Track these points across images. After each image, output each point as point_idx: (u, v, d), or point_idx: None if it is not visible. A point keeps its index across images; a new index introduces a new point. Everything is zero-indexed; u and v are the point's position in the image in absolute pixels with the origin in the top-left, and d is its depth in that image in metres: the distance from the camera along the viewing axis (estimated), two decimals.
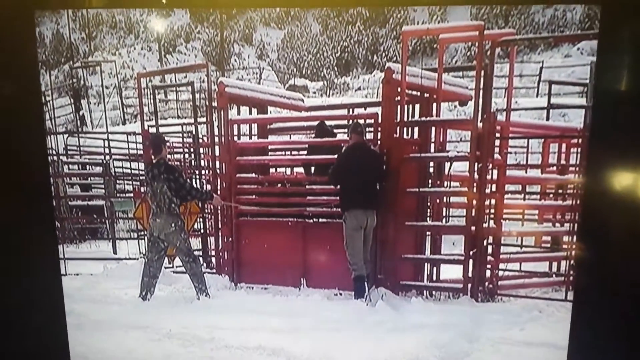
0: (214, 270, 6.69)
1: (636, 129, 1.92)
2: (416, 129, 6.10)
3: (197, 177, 7.65)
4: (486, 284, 5.65)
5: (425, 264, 6.07)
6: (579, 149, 6.30)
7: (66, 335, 2.60)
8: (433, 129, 6.05)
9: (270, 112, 7.57)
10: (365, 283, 5.51)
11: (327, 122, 6.55)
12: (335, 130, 6.59)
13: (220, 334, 4.39)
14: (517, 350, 4.12)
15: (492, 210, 5.74)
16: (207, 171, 7.40)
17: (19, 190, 2.33)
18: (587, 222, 2.09)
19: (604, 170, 1.94)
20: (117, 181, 10.38)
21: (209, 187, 6.92)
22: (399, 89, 5.65)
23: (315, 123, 6.58)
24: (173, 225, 5.52)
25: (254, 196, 6.44)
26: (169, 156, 5.77)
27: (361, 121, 6.00)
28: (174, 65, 22.61)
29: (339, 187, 5.64)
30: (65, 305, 2.60)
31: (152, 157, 5.64)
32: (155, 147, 5.63)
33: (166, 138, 5.97)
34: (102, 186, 10.53)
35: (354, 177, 5.45)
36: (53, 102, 15.23)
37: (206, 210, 7.26)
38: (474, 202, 5.50)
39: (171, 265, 6.76)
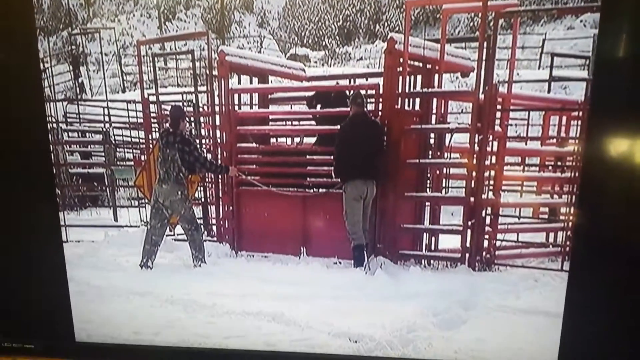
0: (215, 238, 6.76)
1: (635, 99, 1.94)
2: (417, 100, 6.09)
3: (198, 145, 7.65)
4: (484, 253, 5.73)
5: (424, 233, 6.14)
6: (579, 122, 6.30)
7: (68, 299, 2.65)
8: (434, 100, 6.04)
9: (271, 82, 7.52)
10: (365, 252, 5.58)
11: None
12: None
13: (222, 300, 4.46)
14: (513, 318, 4.22)
15: (491, 182, 5.78)
16: (207, 140, 7.40)
17: (19, 159, 2.34)
18: (585, 190, 2.13)
19: (602, 140, 1.97)
20: (117, 149, 10.38)
21: (209, 156, 6.92)
22: (401, 60, 5.62)
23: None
24: (179, 193, 5.58)
25: (254, 166, 6.46)
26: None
27: (362, 92, 6.00)
28: (173, 33, 22.35)
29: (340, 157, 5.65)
30: (67, 271, 2.64)
31: (169, 128, 5.65)
32: (173, 121, 5.63)
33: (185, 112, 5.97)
34: (102, 154, 10.53)
35: (354, 148, 5.47)
36: (52, 69, 15.11)
37: (207, 179, 7.28)
38: (474, 173, 5.54)
39: (172, 233, 6.82)
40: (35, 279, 2.58)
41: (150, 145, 7.02)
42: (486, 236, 5.77)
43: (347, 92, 6.26)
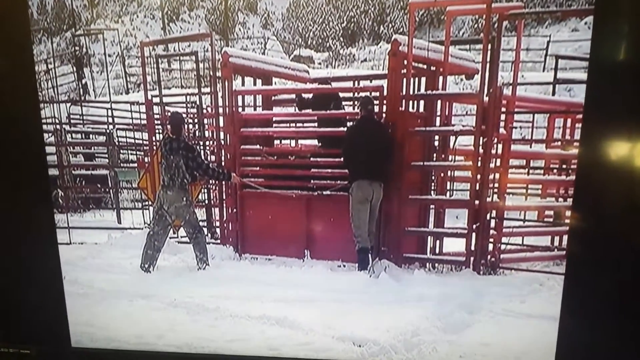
0: (219, 241, 6.75)
1: (631, 100, 1.92)
2: (422, 103, 6.07)
3: (202, 147, 7.65)
4: (488, 257, 5.70)
5: (429, 237, 6.12)
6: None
7: (64, 304, 2.62)
8: (439, 102, 6.02)
9: (275, 83, 7.50)
10: (369, 255, 5.55)
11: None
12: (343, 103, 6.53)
13: (225, 303, 4.43)
14: (517, 322, 4.19)
15: (496, 185, 5.75)
16: (211, 142, 7.39)
17: (13, 162, 2.33)
18: (582, 193, 2.12)
19: (599, 143, 1.95)
20: (121, 151, 10.40)
21: (212, 158, 6.92)
22: (405, 62, 5.60)
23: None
24: (184, 199, 5.57)
25: (257, 168, 6.45)
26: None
27: (367, 94, 5.99)
28: (177, 34, 22.40)
29: (347, 159, 5.65)
30: (67, 273, 2.62)
31: (172, 135, 5.64)
32: (174, 127, 5.62)
33: (184, 117, 5.99)
34: (106, 156, 10.55)
35: (361, 150, 5.46)
36: (55, 70, 15.17)
37: (210, 182, 7.28)
38: (478, 176, 5.51)
39: (176, 236, 6.81)
40: (30, 282, 2.55)
41: (154, 147, 7.01)
42: (491, 239, 5.73)
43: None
